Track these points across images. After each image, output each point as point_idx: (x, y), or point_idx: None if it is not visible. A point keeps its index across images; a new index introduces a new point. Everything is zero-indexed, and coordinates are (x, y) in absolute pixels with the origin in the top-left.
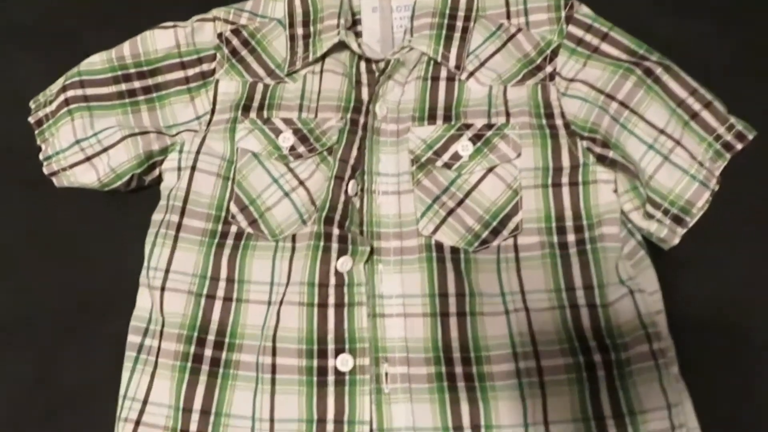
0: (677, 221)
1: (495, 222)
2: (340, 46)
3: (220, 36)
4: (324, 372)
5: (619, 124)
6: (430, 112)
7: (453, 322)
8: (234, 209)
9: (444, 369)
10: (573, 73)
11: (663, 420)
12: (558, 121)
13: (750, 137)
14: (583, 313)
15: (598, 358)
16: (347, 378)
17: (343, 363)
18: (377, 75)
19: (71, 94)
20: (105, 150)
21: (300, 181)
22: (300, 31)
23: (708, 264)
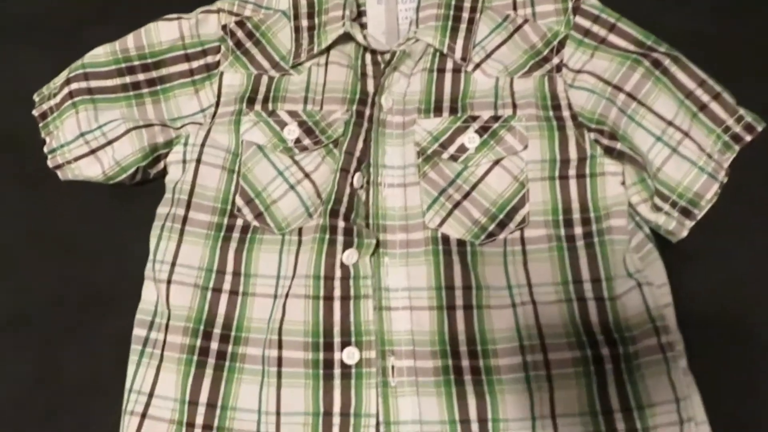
0: (685, 214)
1: (502, 215)
2: (345, 37)
3: (224, 28)
4: (330, 365)
5: (627, 116)
6: (436, 104)
7: (459, 315)
8: (240, 202)
9: (450, 362)
10: (580, 65)
11: (671, 414)
12: (565, 113)
13: (759, 129)
14: (591, 306)
15: (605, 351)
16: (353, 371)
17: (350, 356)
18: (383, 67)
19: (75, 86)
20: (110, 143)
21: (305, 174)
22: (305, 23)
23: (716, 257)
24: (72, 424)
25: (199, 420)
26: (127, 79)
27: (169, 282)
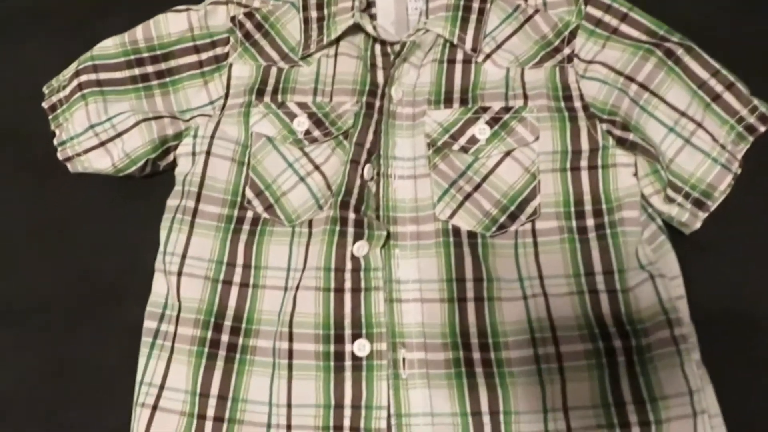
0: (698, 205)
1: (513, 206)
2: (354, 28)
3: (233, 19)
4: (341, 357)
5: (639, 106)
6: (446, 95)
7: (470, 307)
8: (249, 194)
9: (462, 354)
10: (592, 55)
11: (685, 406)
12: (576, 104)
13: None
14: (603, 299)
15: (618, 343)
16: (364, 363)
17: (360, 348)
18: (392, 58)
19: (84, 78)
20: (119, 135)
21: (315, 166)
22: (314, 14)
23: (730, 248)
24: (83, 416)
25: (210, 412)
26: (136, 71)
27: (180, 274)
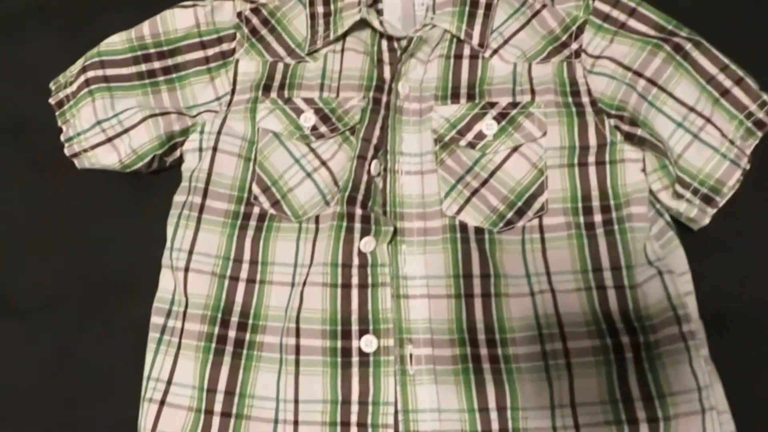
0: (707, 201)
1: (520, 202)
2: (361, 24)
3: (239, 15)
4: (348, 353)
5: (647, 101)
6: (453, 90)
7: (478, 303)
8: (256, 190)
9: (469, 350)
10: (599, 50)
11: (693, 402)
12: (584, 99)
13: None
14: (611, 295)
15: (626, 340)
16: (371, 359)
17: (367, 344)
18: (399, 53)
19: (92, 74)
20: (126, 131)
21: (322, 162)
22: (320, 10)
23: (739, 244)
24: (91, 411)
25: (218, 407)
26: (143, 67)
27: (187, 270)
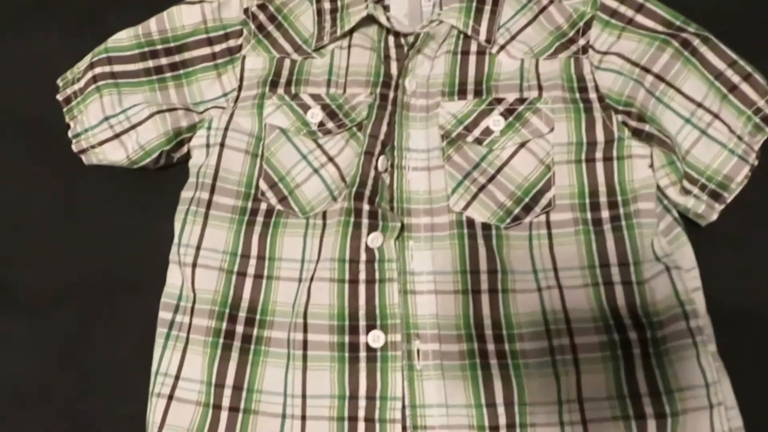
0: (715, 197)
1: (527, 198)
2: (368, 20)
3: (246, 11)
4: (355, 348)
5: (655, 97)
6: (460, 86)
7: (485, 299)
8: (263, 186)
9: (476, 346)
10: (607, 46)
11: (701, 398)
12: (592, 95)
13: None
14: (618, 291)
15: (633, 335)
16: (379, 354)
17: (375, 339)
18: (406, 49)
19: (99, 71)
20: (133, 127)
21: (329, 158)
22: (327, 6)
23: (747, 240)
24: (100, 405)
25: (226, 402)
26: (150, 64)
27: (194, 266)
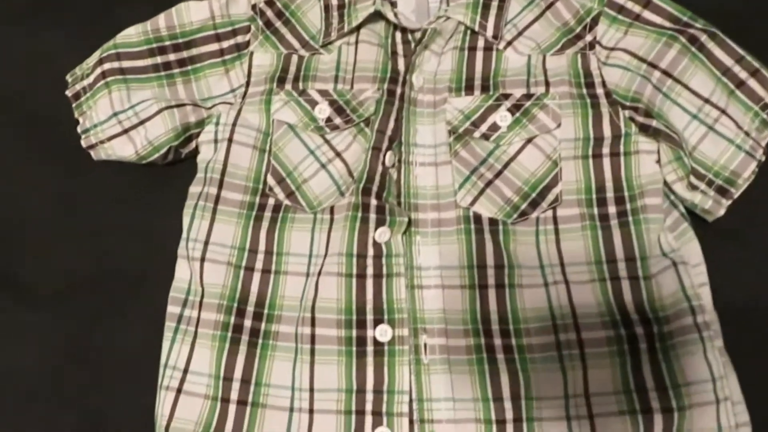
0: (722, 192)
1: (534, 193)
2: (375, 16)
3: (254, 8)
4: (363, 342)
5: (662, 93)
6: (467, 82)
7: (491, 294)
8: (271, 181)
9: (483, 341)
10: (614, 42)
11: (707, 393)
12: (599, 91)
13: None
14: (625, 286)
15: (640, 330)
16: (386, 348)
17: (382, 333)
18: (413, 45)
19: (108, 66)
20: (142, 122)
21: (337, 153)
22: (334, 2)
23: (753, 236)
24: (108, 398)
25: (234, 396)
26: (158, 60)
27: (203, 260)
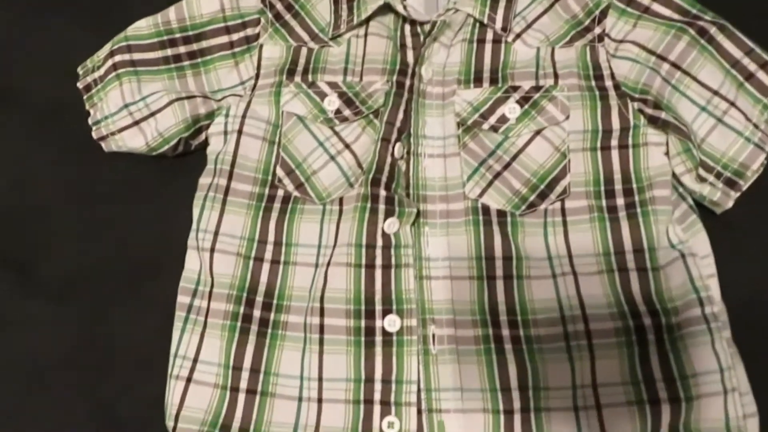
0: (730, 184)
1: (542, 185)
2: (384, 8)
3: (263, 0)
4: (372, 332)
5: (671, 85)
6: (476, 74)
7: (500, 285)
8: (280, 173)
9: (491, 331)
10: (623, 35)
11: (715, 384)
12: (608, 83)
13: None
14: (633, 277)
15: (648, 321)
16: (395, 339)
17: (391, 324)
18: (422, 37)
19: (119, 58)
20: (152, 114)
21: (346, 144)
22: None
23: (762, 228)
24: (119, 387)
25: (243, 385)
26: (169, 52)
27: (212, 251)
